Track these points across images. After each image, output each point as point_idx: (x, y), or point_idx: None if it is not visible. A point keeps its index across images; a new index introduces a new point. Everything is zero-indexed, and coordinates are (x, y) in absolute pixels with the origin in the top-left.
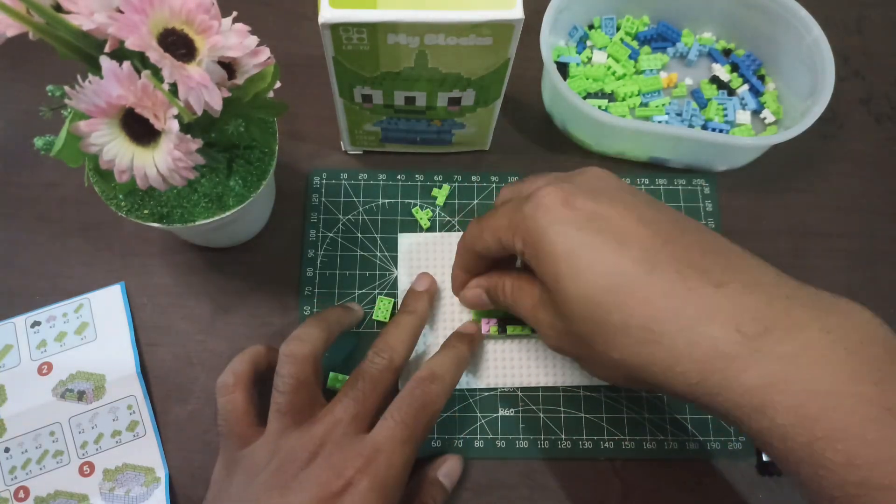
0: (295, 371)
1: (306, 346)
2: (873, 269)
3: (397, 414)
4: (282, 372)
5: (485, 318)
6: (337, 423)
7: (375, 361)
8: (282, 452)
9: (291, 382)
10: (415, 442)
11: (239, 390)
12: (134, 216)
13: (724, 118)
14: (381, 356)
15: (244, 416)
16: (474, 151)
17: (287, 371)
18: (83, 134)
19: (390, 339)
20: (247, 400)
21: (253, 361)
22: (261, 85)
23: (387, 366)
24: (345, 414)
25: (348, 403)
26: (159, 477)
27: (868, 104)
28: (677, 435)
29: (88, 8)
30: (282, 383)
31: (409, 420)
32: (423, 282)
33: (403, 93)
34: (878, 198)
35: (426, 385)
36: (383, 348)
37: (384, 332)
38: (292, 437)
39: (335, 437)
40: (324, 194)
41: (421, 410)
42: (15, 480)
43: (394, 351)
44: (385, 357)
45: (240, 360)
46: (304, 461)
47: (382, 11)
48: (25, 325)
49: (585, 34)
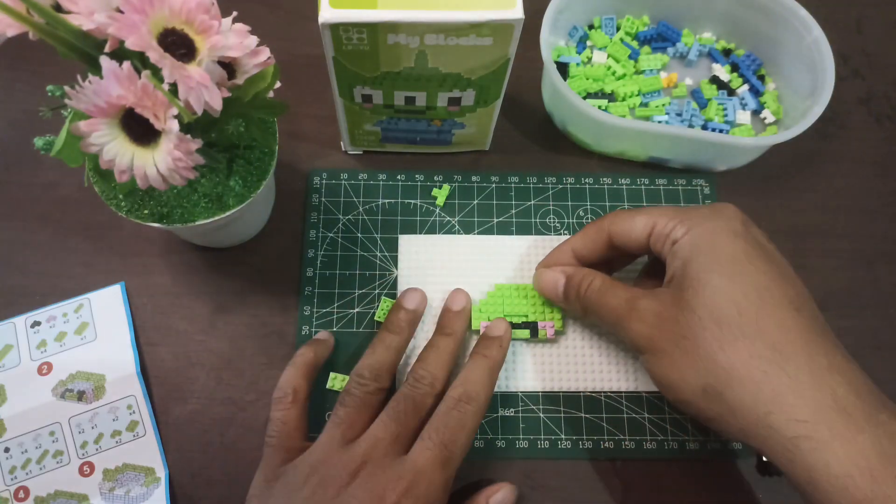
0: (366, 394)
1: (382, 379)
2: (873, 269)
3: (435, 436)
4: (352, 391)
5: (483, 322)
6: (378, 442)
7: (418, 387)
8: (323, 469)
9: (356, 402)
10: (454, 463)
11: (296, 406)
12: (134, 216)
13: (724, 118)
14: (422, 382)
15: (295, 432)
16: (474, 151)
17: (358, 392)
18: (83, 134)
19: (430, 366)
20: (301, 416)
21: (309, 375)
22: (261, 85)
23: (428, 392)
24: (386, 434)
25: (389, 424)
26: (159, 477)
27: (868, 104)
28: (677, 435)
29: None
30: (349, 399)
31: (448, 442)
32: (459, 300)
33: (403, 93)
34: (878, 198)
35: (462, 406)
36: (424, 375)
37: (424, 358)
38: (334, 455)
39: (376, 457)
40: (324, 194)
41: (459, 431)
42: (15, 480)
43: (435, 378)
44: (427, 383)
45: (298, 373)
46: (344, 481)
47: (382, 11)
48: (25, 325)
49: (585, 34)
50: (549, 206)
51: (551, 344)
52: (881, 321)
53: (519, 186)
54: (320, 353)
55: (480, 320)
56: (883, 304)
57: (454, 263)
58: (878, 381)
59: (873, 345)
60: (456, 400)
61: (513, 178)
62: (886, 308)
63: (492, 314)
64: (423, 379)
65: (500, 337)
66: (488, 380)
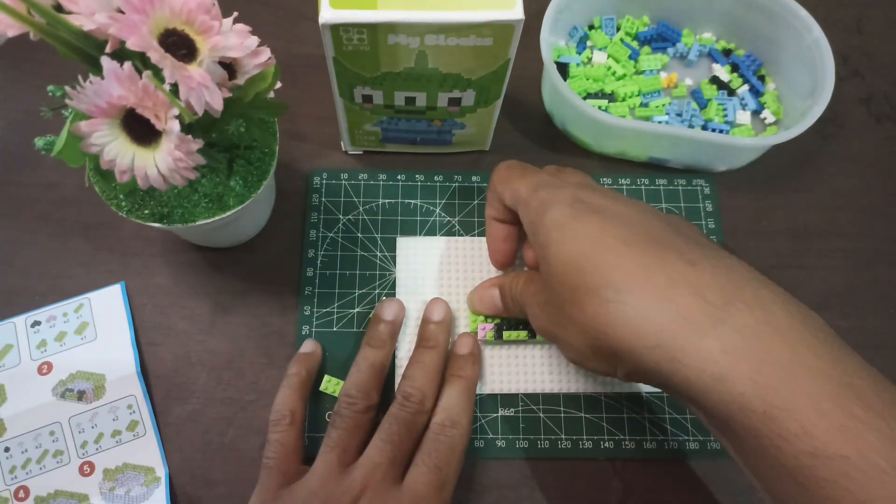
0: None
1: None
2: (873, 269)
3: (429, 459)
4: (342, 412)
5: (482, 324)
6: (375, 467)
7: (406, 406)
8: (322, 495)
9: (347, 424)
10: (449, 487)
11: (294, 428)
12: (134, 216)
13: (724, 118)
14: (411, 401)
15: (293, 455)
16: (474, 151)
17: (348, 413)
18: (84, 134)
19: (417, 382)
20: (298, 437)
21: (305, 396)
22: (261, 85)
23: (418, 409)
24: (382, 458)
25: (384, 447)
26: (159, 477)
27: (868, 104)
28: (677, 435)
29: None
30: (340, 421)
31: (441, 464)
32: (438, 311)
33: (403, 93)
34: (878, 198)
35: (448, 431)
36: (413, 392)
37: (410, 375)
38: (332, 481)
39: (374, 482)
40: (324, 194)
41: (450, 454)
42: (15, 480)
43: (424, 395)
44: (415, 401)
45: (294, 395)
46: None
47: (382, 12)
48: (25, 325)
49: (585, 34)
50: None
51: (550, 344)
52: (881, 321)
53: None
54: (311, 368)
55: (479, 322)
56: (883, 304)
57: (452, 265)
58: None
59: (873, 345)
60: (440, 426)
61: None
62: (886, 308)
63: (490, 316)
64: (411, 397)
65: (471, 353)
66: (467, 402)
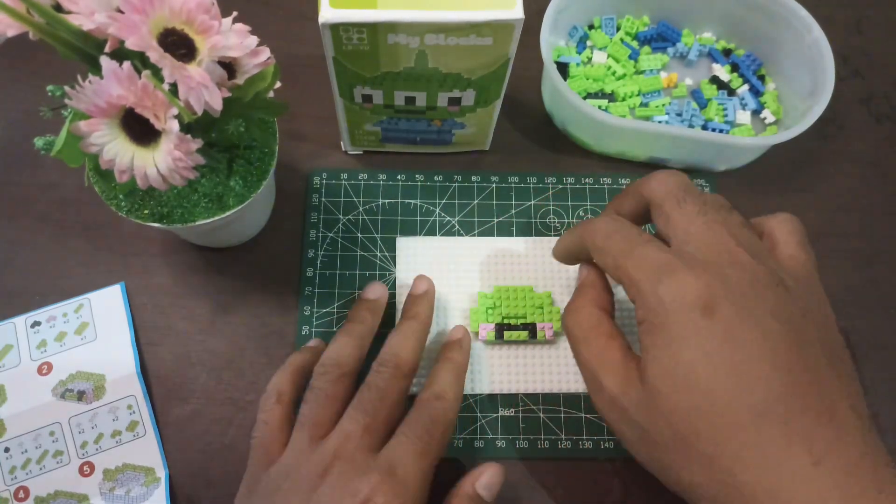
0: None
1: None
2: (873, 269)
3: (409, 430)
4: (313, 385)
5: (482, 324)
6: (348, 436)
7: (380, 371)
8: (294, 474)
9: (319, 396)
10: (431, 455)
11: (280, 408)
12: (134, 216)
13: (724, 118)
14: (385, 366)
15: (278, 433)
16: (474, 151)
17: (319, 384)
18: (83, 134)
19: (393, 347)
20: (284, 418)
21: (296, 379)
22: (261, 85)
23: (392, 374)
24: (355, 426)
25: (357, 415)
26: (159, 477)
27: (868, 104)
28: None
29: (89, 8)
30: (311, 394)
31: (423, 433)
32: (420, 285)
33: (403, 93)
34: (878, 198)
35: (433, 403)
36: (387, 357)
37: (387, 342)
38: (303, 456)
39: (347, 452)
40: (324, 194)
41: (432, 425)
42: (15, 480)
43: (398, 358)
44: (390, 366)
45: (284, 376)
46: (314, 483)
47: (382, 11)
48: (25, 325)
49: (585, 34)
50: (550, 206)
51: (550, 345)
52: (881, 321)
53: (519, 186)
54: (310, 359)
55: (479, 322)
56: (883, 304)
57: (452, 266)
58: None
59: (873, 345)
60: (425, 399)
61: (513, 178)
62: (886, 308)
63: (490, 316)
64: (386, 363)
65: (460, 339)
66: (455, 379)
